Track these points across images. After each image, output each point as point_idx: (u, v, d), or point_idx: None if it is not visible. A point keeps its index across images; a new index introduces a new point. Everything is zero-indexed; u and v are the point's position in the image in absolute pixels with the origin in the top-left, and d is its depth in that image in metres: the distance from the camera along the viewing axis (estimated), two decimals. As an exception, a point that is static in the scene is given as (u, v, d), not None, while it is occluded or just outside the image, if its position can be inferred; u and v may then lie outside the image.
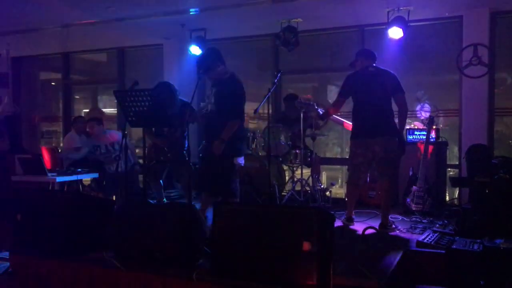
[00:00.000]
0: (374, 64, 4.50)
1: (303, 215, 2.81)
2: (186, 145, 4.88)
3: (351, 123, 4.74)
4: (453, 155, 6.31)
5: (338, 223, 4.53)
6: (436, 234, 3.81)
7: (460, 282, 3.07)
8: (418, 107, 6.49)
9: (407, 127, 6.08)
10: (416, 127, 6.10)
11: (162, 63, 7.66)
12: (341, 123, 5.72)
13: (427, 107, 6.40)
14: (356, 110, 4.51)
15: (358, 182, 4.58)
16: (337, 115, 5.57)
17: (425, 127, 5.53)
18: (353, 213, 4.69)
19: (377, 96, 4.36)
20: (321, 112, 5.01)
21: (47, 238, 3.60)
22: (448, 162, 5.96)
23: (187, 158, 4.78)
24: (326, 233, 2.75)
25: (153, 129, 5.01)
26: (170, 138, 4.93)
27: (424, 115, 5.87)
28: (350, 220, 4.61)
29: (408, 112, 5.86)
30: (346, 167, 5.91)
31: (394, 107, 4.53)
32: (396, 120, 4.52)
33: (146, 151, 4.62)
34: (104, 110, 9.21)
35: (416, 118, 6.51)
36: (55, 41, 7.98)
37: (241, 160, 4.31)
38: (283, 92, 7.11)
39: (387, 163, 4.37)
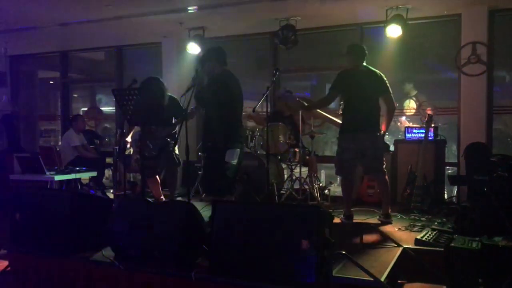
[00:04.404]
0: (364, 63, 4.61)
1: (302, 213, 2.82)
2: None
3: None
4: (451, 153, 6.31)
5: (336, 221, 4.53)
6: (434, 232, 3.82)
7: (459, 280, 3.07)
8: (406, 102, 6.51)
9: (406, 125, 6.09)
10: (408, 125, 6.10)
11: (161, 62, 7.65)
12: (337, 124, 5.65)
13: (413, 103, 6.43)
14: (348, 105, 4.63)
15: (348, 176, 4.64)
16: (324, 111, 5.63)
17: (416, 125, 5.55)
18: (352, 210, 4.69)
19: (368, 94, 4.53)
20: (305, 104, 5.04)
21: (45, 236, 3.60)
22: (446, 160, 5.95)
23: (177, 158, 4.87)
24: (324, 231, 2.75)
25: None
26: (157, 135, 4.90)
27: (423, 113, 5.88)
28: (348, 217, 4.62)
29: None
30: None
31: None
32: (382, 120, 4.63)
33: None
34: (102, 108, 9.19)
35: (402, 113, 6.53)
36: (54, 40, 7.96)
37: None
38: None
39: (375, 159, 4.49)
